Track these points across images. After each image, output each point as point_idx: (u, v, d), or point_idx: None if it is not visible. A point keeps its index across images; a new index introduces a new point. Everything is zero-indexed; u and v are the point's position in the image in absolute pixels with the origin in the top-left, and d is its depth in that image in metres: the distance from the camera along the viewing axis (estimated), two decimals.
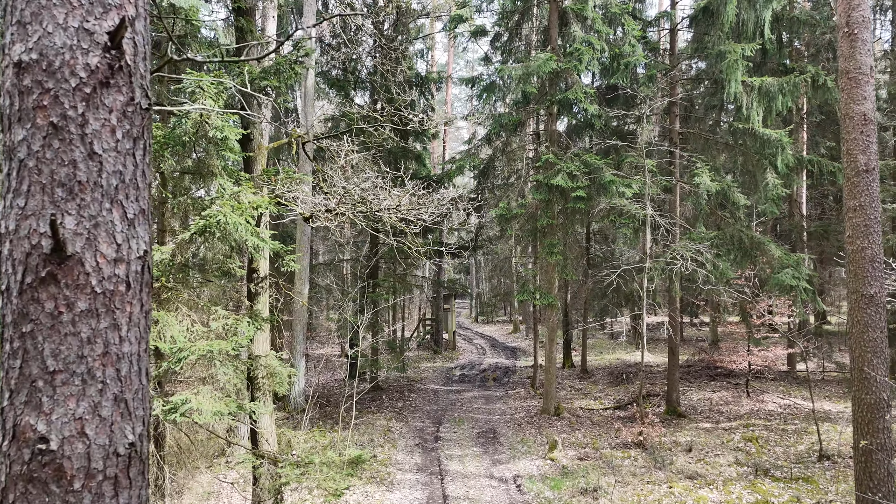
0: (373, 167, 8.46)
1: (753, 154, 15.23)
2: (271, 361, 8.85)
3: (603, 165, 14.11)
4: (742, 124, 15.20)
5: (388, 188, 7.63)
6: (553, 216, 15.05)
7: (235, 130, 7.13)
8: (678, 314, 16.22)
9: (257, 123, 9.47)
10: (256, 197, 7.31)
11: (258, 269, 9.39)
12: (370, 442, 14.18)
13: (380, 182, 7.58)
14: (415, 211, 7.86)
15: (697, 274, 12.34)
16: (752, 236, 14.70)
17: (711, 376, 21.87)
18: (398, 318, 30.11)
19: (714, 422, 16.06)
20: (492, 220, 30.51)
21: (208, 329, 6.94)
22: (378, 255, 18.24)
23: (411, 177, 8.73)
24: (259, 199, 7.14)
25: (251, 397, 9.26)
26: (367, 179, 7.61)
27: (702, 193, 14.71)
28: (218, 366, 6.64)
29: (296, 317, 16.50)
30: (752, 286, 13.73)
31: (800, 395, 18.97)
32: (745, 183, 16.60)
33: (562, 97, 14.55)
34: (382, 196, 7.42)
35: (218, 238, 6.82)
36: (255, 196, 7.32)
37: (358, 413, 16.90)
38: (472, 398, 19.92)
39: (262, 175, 8.45)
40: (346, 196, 7.56)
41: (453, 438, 14.93)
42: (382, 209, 7.53)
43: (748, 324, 17.62)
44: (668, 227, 13.51)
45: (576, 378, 23.35)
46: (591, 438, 14.43)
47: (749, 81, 14.61)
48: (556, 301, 15.29)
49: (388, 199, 7.47)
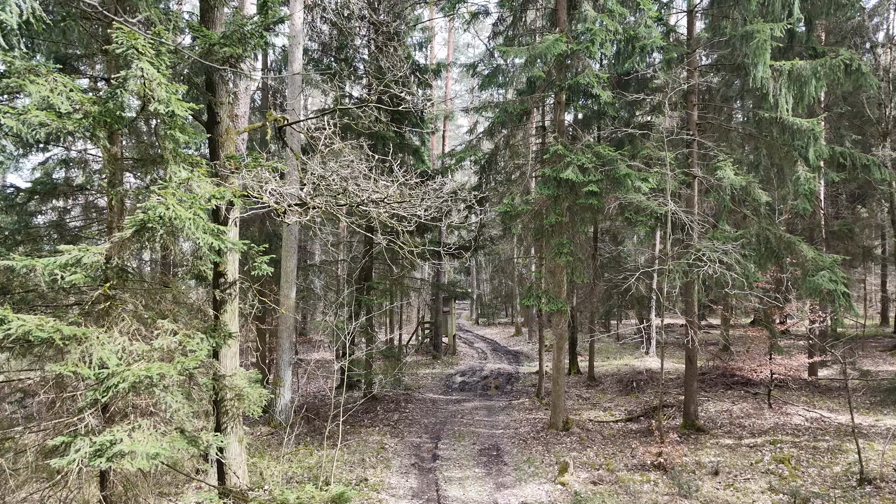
0: (360, 155, 7.14)
1: (781, 145, 13.93)
2: (238, 381, 7.53)
3: (617, 157, 12.80)
4: (768, 113, 13.90)
5: (375, 177, 6.30)
6: (562, 213, 13.74)
7: (185, 105, 5.81)
8: (696, 318, 14.90)
9: (224, 103, 8.16)
10: (212, 186, 5.99)
11: (226, 273, 8.08)
12: (361, 463, 12.86)
13: (364, 169, 6.26)
14: (407, 204, 6.57)
15: (725, 276, 11.02)
16: (781, 235, 13.38)
17: (727, 385, 20.55)
18: (395, 322, 28.79)
19: (736, 437, 14.74)
20: (493, 220, 29.17)
21: (151, 348, 5.62)
22: (371, 256, 16.91)
23: (405, 171, 7.41)
24: (216, 189, 5.82)
25: (217, 423, 7.95)
26: (349, 166, 6.30)
27: (725, 188, 13.41)
28: (159, 393, 5.33)
29: (281, 323, 15.18)
30: (783, 290, 12.43)
31: (824, 405, 17.65)
32: (765, 177, 15.33)
33: (572, 82, 13.22)
34: (366, 186, 6.11)
35: (162, 237, 5.51)
36: (210, 185, 6.00)
37: (349, 427, 15.59)
38: (474, 409, 18.61)
39: (227, 161, 7.14)
40: (323, 186, 6.27)
41: (453, 457, 13.62)
42: (366, 202, 6.23)
43: (771, 330, 16.31)
44: (692, 225, 12.19)
45: (583, 385, 22.04)
46: (605, 458, 13.12)
47: (777, 66, 13.32)
48: (566, 307, 13.98)
49: (376, 190, 6.16)
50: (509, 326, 43.33)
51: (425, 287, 27.30)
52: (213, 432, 6.63)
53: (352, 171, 6.23)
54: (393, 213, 7.72)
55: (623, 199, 12.49)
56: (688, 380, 15.76)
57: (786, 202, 14.74)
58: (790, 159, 13.77)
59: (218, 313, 7.94)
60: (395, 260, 15.86)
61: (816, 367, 20.53)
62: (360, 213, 7.07)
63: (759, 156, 15.35)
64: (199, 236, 5.48)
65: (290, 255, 15.23)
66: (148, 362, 5.58)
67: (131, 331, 5.90)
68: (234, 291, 8.16)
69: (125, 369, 5.19)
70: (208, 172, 7.32)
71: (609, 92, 13.44)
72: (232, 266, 8.16)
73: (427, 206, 6.75)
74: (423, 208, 6.70)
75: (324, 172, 6.29)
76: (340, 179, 6.26)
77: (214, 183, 6.71)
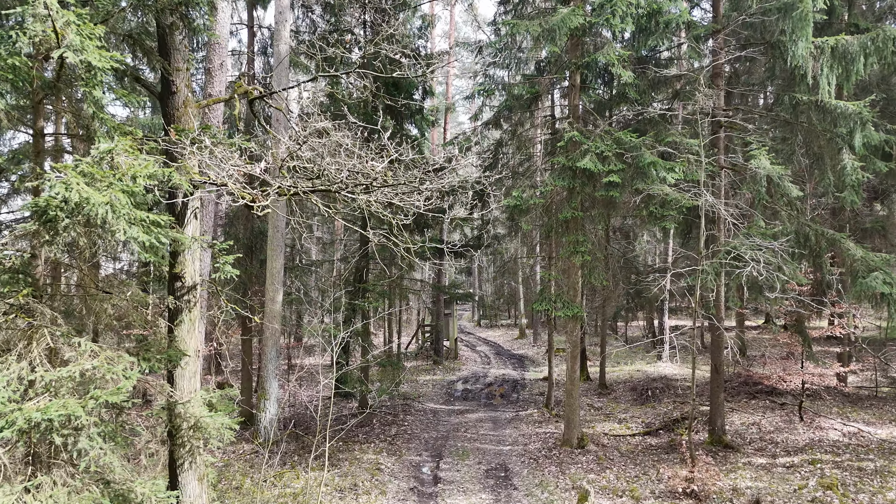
0: (344, 126, 5.69)
1: (822, 132, 12.51)
2: (194, 409, 6.11)
3: (641, 144, 11.38)
4: (807, 96, 12.49)
5: (360, 152, 4.85)
6: (577, 207, 12.31)
7: (107, 55, 4.39)
8: (722, 322, 13.48)
9: (181, 70, 6.73)
10: (152, 164, 4.57)
11: (183, 276, 6.65)
12: (353, 488, 11.43)
13: (347, 143, 4.81)
14: (402, 188, 5.17)
15: (772, 278, 9.60)
16: (823, 231, 11.96)
17: (751, 394, 19.10)
18: (394, 326, 27.36)
19: (769, 455, 13.32)
20: (496, 219, 27.74)
21: (59, 378, 4.20)
22: (366, 256, 15.46)
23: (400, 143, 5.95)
24: (151, 167, 4.40)
25: (170, 459, 6.53)
26: (323, 134, 4.86)
27: (760, 179, 11.99)
28: (61, 439, 3.92)
29: (267, 330, 13.76)
30: (822, 292, 11.01)
31: (859, 417, 16.21)
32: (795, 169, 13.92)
33: (590, 59, 11.80)
34: (349, 165, 4.67)
35: (74, 229, 4.09)
36: (149, 163, 4.58)
37: (342, 444, 14.17)
38: (478, 421, 17.19)
39: (178, 136, 5.70)
40: (296, 163, 4.86)
41: (456, 479, 12.20)
42: (350, 184, 4.82)
43: (804, 336, 14.88)
44: (732, 220, 10.76)
45: (594, 394, 20.61)
46: (627, 482, 11.69)
47: (819, 42, 11.90)
48: (582, 312, 12.55)
49: (363, 169, 4.74)
50: (512, 329, 41.90)
51: (425, 289, 25.87)
52: (155, 479, 5.19)
53: (328, 143, 4.79)
54: (387, 202, 6.29)
55: (648, 191, 11.05)
56: (714, 390, 14.34)
57: (825, 195, 13.28)
58: (832, 147, 12.35)
59: (172, 325, 6.52)
60: (392, 260, 14.45)
61: (846, 375, 19.11)
62: (344, 200, 5.66)
63: (791, 144, 13.93)
64: (120, 228, 4.05)
65: (277, 254, 13.81)
66: (54, 396, 4.17)
67: (40, 354, 4.47)
68: (193, 298, 6.73)
69: (15, 409, 3.77)
70: (157, 150, 5.91)
71: (630, 72, 12.01)
72: (191, 267, 6.73)
73: (427, 189, 5.32)
74: (422, 193, 5.28)
75: (292, 145, 4.87)
76: (313, 153, 4.83)
77: (159, 163, 5.28)
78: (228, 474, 12.22)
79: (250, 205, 6.21)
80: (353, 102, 7.69)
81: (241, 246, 15.92)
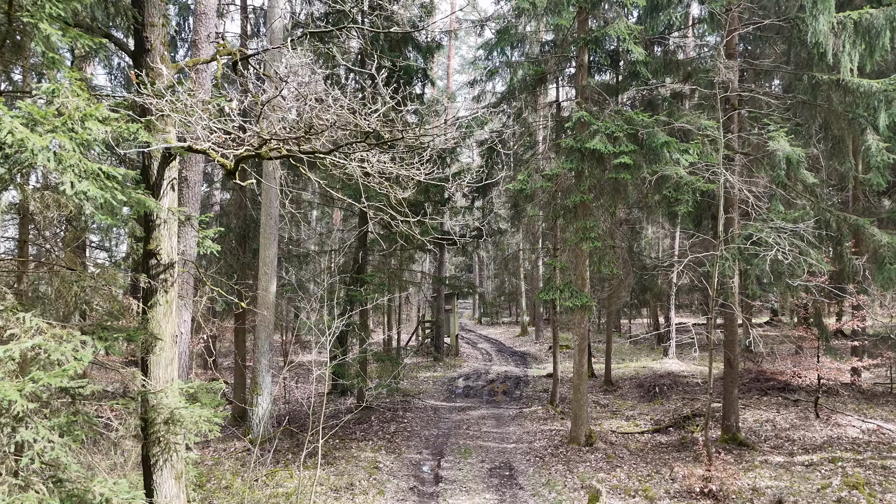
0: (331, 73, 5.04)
1: (843, 112, 11.88)
2: (170, 400, 5.49)
3: (653, 124, 10.75)
4: (827, 75, 11.87)
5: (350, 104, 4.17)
6: (586, 191, 11.67)
7: None
8: (738, 314, 12.84)
9: (156, 25, 6.11)
10: (105, 111, 3.93)
11: (158, 253, 6.02)
12: (349, 488, 10.79)
13: (334, 92, 4.12)
14: (399, 147, 4.50)
15: (799, 263, 8.97)
16: (846, 217, 11.33)
17: (762, 390, 18.47)
18: (393, 321, 26.74)
19: (787, 453, 12.69)
20: (496, 216, 27.10)
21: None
22: (364, 238, 14.77)
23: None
24: (103, 110, 3.77)
25: (144, 455, 5.91)
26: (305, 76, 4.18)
27: (779, 162, 11.35)
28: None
29: (260, 321, 13.12)
30: (856, 281, 10.38)
31: (876, 414, 15.59)
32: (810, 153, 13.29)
33: (600, 34, 11.17)
34: (326, 114, 3.98)
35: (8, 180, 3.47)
36: (102, 109, 3.95)
37: (339, 442, 13.54)
38: (480, 418, 16.56)
39: (151, 90, 5.06)
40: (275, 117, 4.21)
41: (458, 479, 11.57)
42: (337, 139, 4.15)
43: (822, 328, 14.25)
44: (754, 202, 10.13)
45: (599, 391, 19.98)
46: (639, 481, 11.06)
47: (841, 17, 11.27)
48: (592, 302, 11.92)
49: (353, 120, 4.07)
50: (514, 326, 41.27)
51: (426, 281, 25.22)
52: (120, 479, 4.56)
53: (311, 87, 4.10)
54: (381, 171, 5.64)
55: (662, 172, 10.42)
56: (727, 385, 13.71)
57: (837, 185, 12.65)
58: (855, 128, 11.73)
59: (146, 307, 5.89)
60: (392, 251, 13.79)
61: (860, 370, 18.48)
62: (333, 167, 5.02)
63: (809, 127, 13.30)
64: (67, 181, 3.42)
65: (270, 242, 13.18)
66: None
67: None
68: (170, 277, 6.10)
69: None
70: (126, 105, 5.29)
71: (642, 48, 11.38)
72: (167, 243, 6.10)
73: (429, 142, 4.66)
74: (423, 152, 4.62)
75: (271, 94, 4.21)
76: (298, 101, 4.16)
77: (124, 118, 4.64)
78: (219, 473, 11.59)
79: (231, 172, 5.58)
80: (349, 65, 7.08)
81: (234, 235, 15.30)
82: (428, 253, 22.05)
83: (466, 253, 41.31)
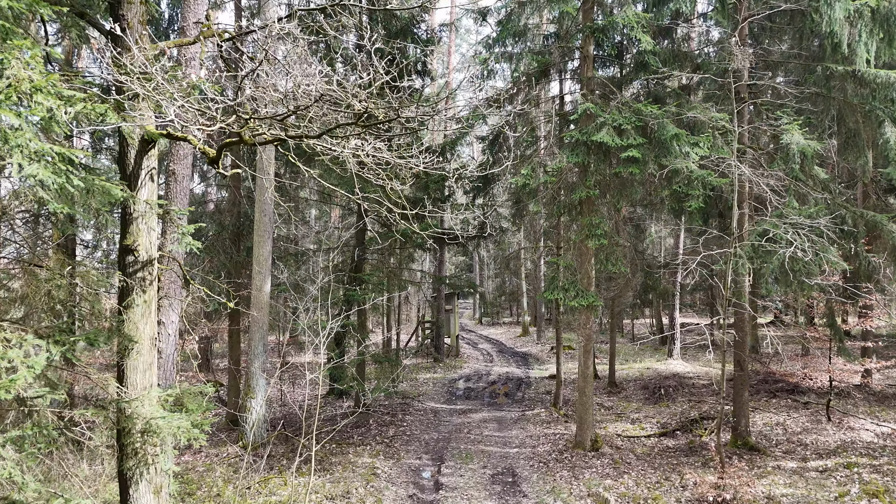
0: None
1: (859, 105, 11.43)
2: (146, 409, 5.04)
3: (663, 115, 10.30)
4: (842, 66, 11.42)
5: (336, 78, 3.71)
6: (592, 186, 11.22)
7: None
8: (748, 313, 12.39)
9: (135, 3, 5.67)
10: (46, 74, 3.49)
11: (136, 249, 5.57)
12: (345, 496, 10.33)
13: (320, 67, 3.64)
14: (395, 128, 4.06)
15: (819, 259, 8.52)
16: (863, 213, 10.88)
17: (771, 392, 18.02)
18: (393, 321, 26.27)
19: (800, 458, 12.24)
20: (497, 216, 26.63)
21: None
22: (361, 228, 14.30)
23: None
24: (56, 78, 3.32)
25: (119, 468, 5.46)
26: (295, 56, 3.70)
27: (793, 156, 10.91)
28: None
29: (253, 322, 12.67)
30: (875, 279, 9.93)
31: (889, 417, 15.14)
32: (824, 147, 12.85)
33: (607, 22, 10.72)
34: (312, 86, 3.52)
35: None
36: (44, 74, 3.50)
37: (336, 447, 13.09)
38: (482, 421, 16.10)
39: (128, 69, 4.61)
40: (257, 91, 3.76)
41: (459, 485, 11.12)
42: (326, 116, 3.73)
43: (836, 329, 13.80)
44: (771, 196, 9.67)
45: (603, 392, 19.52)
46: (648, 488, 10.60)
47: (857, 5, 10.83)
48: (598, 301, 11.46)
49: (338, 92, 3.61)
50: (515, 326, 40.81)
51: (425, 280, 24.75)
52: (88, 498, 4.10)
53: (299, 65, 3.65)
54: (378, 163, 5.19)
55: (672, 166, 9.97)
56: (737, 388, 13.25)
57: (862, 173, 12.21)
58: (871, 121, 11.28)
59: (121, 307, 5.44)
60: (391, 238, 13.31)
61: (871, 371, 18.04)
62: (325, 154, 4.57)
63: (822, 121, 12.86)
64: (14, 163, 2.97)
65: (264, 240, 12.73)
66: None
67: None
68: (149, 276, 5.65)
69: None
70: (102, 88, 4.83)
71: (650, 38, 10.93)
72: (146, 239, 5.65)
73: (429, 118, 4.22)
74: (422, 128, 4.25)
75: (252, 66, 3.77)
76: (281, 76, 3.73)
77: (92, 98, 4.18)
78: (210, 480, 11.14)
79: (214, 160, 5.14)
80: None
81: (228, 233, 14.85)
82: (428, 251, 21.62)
83: (467, 252, 40.89)
